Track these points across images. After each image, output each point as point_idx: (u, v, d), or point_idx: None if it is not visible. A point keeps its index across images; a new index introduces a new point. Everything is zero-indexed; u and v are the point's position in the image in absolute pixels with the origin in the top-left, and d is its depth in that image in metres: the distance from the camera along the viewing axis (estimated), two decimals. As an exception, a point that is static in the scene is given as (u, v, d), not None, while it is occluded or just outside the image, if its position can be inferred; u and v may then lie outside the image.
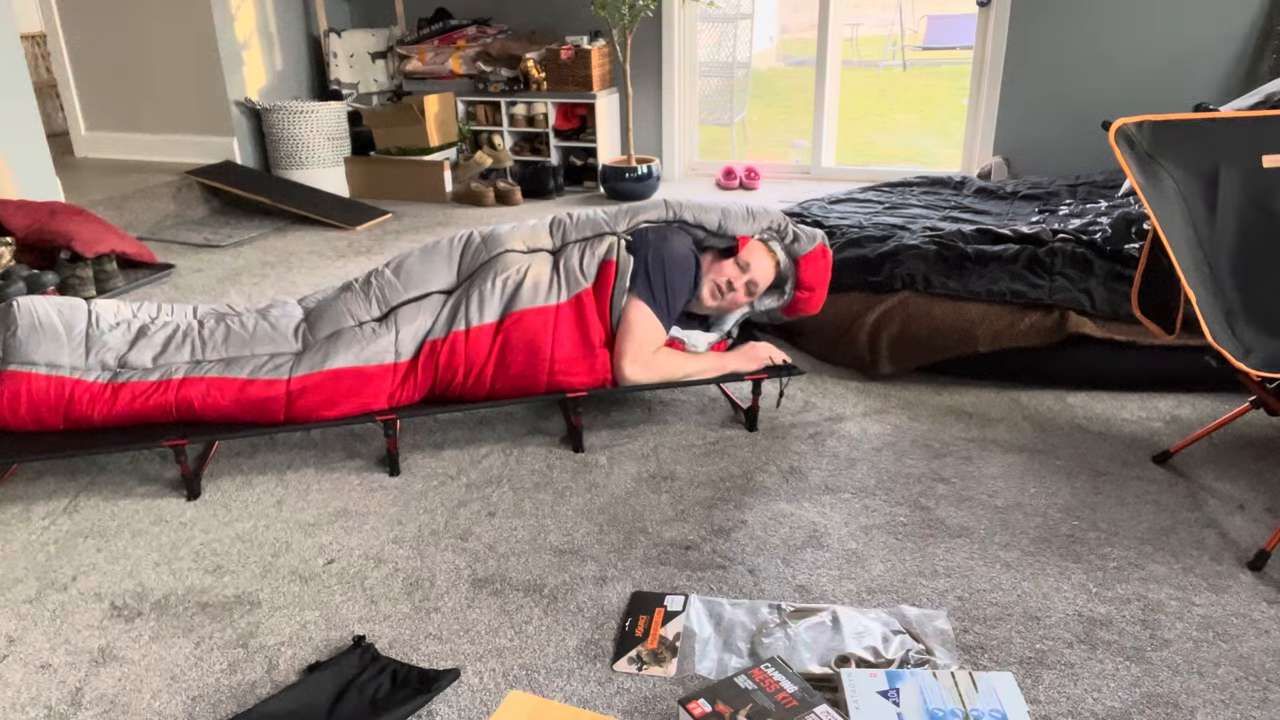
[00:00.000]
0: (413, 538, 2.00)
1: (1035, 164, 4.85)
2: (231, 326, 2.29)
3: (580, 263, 2.33)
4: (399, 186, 5.17)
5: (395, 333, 2.27)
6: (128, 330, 2.27)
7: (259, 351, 2.26)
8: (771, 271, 2.47)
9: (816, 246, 2.49)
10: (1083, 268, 2.69)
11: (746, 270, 2.44)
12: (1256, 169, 2.05)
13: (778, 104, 9.09)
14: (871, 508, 2.07)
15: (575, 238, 2.39)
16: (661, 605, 1.74)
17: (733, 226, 2.45)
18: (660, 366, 2.33)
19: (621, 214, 2.44)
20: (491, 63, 5.32)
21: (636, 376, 2.30)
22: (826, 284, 2.56)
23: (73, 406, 2.15)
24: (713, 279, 2.44)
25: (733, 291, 2.44)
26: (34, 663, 1.66)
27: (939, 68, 10.59)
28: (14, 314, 2.21)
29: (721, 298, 2.45)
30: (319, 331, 2.29)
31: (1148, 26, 4.46)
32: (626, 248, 2.35)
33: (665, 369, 2.34)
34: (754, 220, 2.47)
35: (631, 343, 2.30)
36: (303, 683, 1.56)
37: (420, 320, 2.29)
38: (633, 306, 2.31)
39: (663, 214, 2.45)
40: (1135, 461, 2.25)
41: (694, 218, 2.45)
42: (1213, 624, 1.68)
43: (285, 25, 5.31)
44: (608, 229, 2.40)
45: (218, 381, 2.18)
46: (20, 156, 3.99)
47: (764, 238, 2.48)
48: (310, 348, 2.25)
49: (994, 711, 1.42)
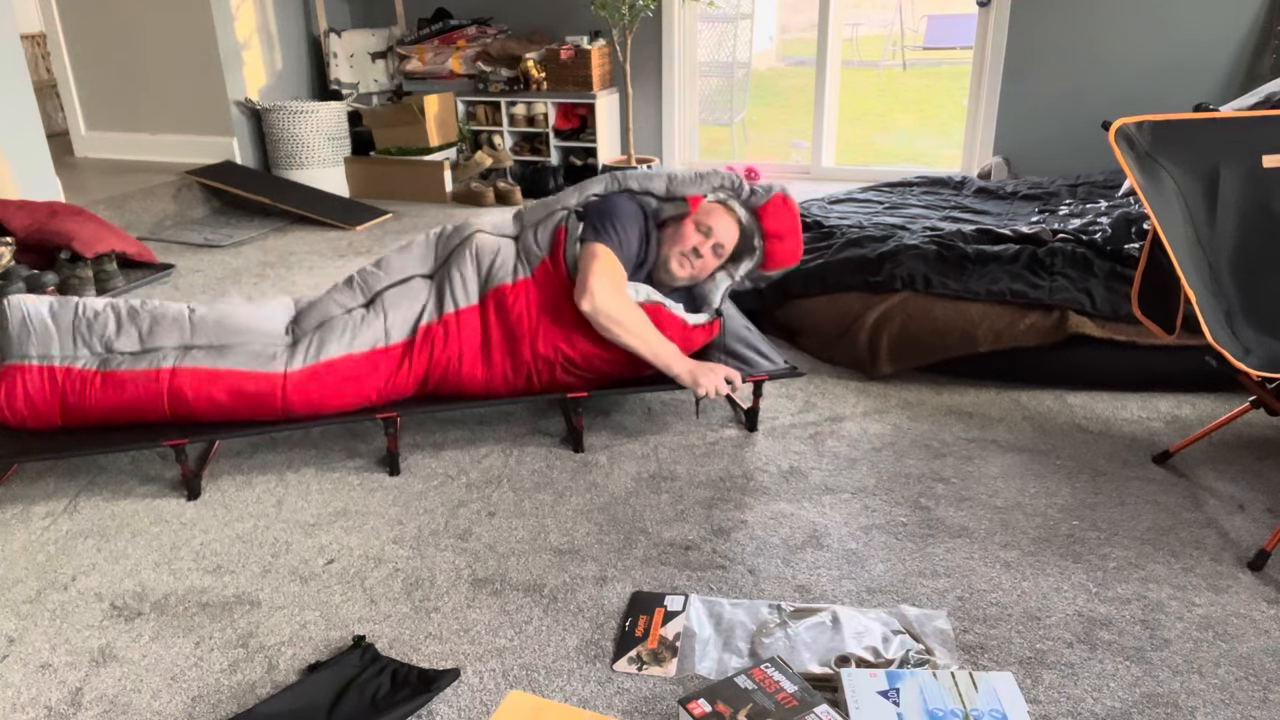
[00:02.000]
0: (413, 538, 2.00)
1: (1035, 164, 4.85)
2: (224, 312, 2.29)
3: (535, 239, 2.36)
4: (399, 186, 5.16)
5: (384, 317, 2.28)
6: (114, 315, 2.28)
7: (250, 340, 2.26)
8: (735, 230, 2.45)
9: (775, 195, 2.46)
10: (1083, 268, 2.69)
11: (710, 235, 2.41)
12: (1256, 169, 2.05)
13: (778, 104, 9.09)
14: (871, 508, 2.07)
15: (531, 221, 2.42)
16: (661, 605, 1.74)
17: (681, 189, 2.45)
18: (621, 306, 2.23)
19: (570, 192, 2.47)
20: (491, 63, 5.32)
21: (597, 299, 2.20)
22: (796, 230, 2.50)
23: (66, 396, 2.15)
24: (678, 249, 2.41)
25: (700, 258, 2.41)
26: (34, 663, 1.66)
27: (939, 68, 10.59)
28: (4, 311, 2.22)
29: (691, 265, 2.43)
30: (307, 323, 2.31)
31: (1148, 27, 4.46)
32: (577, 217, 2.37)
33: (624, 312, 2.23)
34: (703, 181, 2.46)
35: (591, 273, 2.23)
36: (303, 683, 1.56)
37: (407, 305, 2.31)
38: (585, 247, 2.30)
39: (609, 185, 2.46)
40: (1135, 461, 2.25)
41: (640, 185, 2.46)
42: (1213, 624, 1.68)
43: (285, 25, 5.31)
44: (559, 206, 2.43)
45: (210, 373, 2.18)
46: (20, 156, 3.99)
47: (720, 198, 2.46)
48: (301, 339, 2.26)
49: (994, 711, 1.42)
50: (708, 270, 2.47)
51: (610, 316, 2.22)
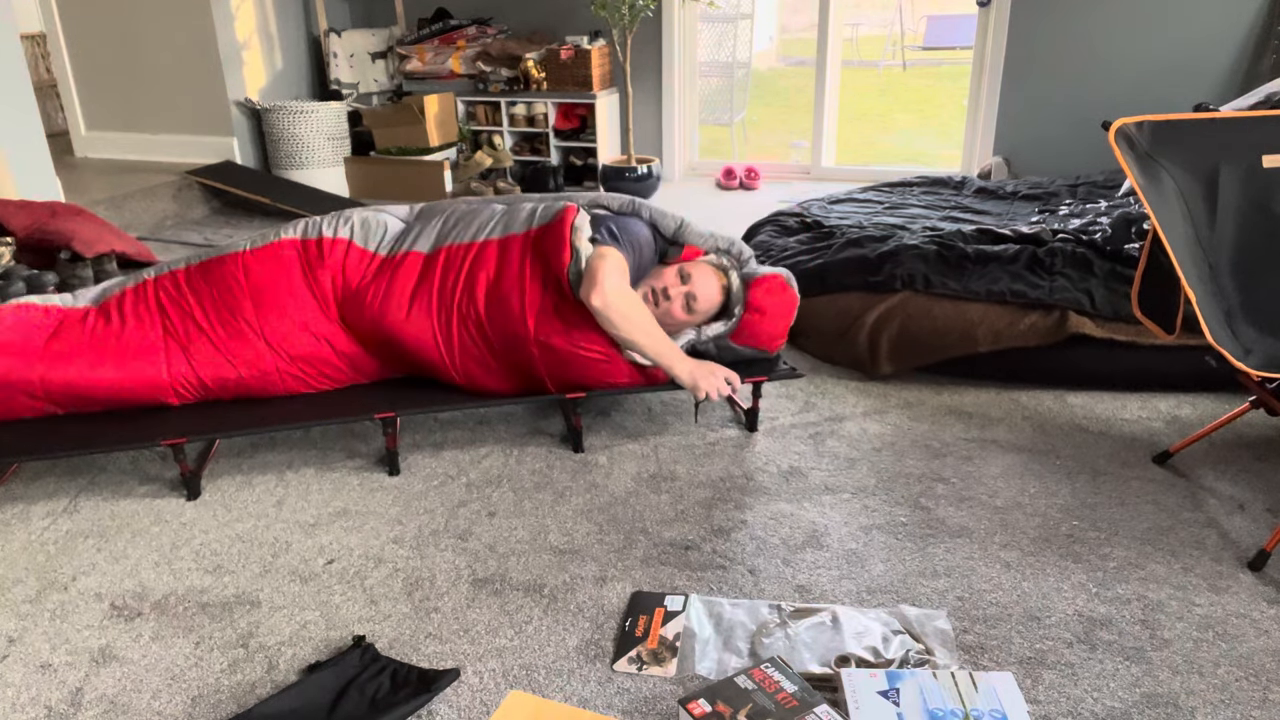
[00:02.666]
0: (413, 538, 2.00)
1: (1035, 164, 4.85)
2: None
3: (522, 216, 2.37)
4: (399, 186, 5.16)
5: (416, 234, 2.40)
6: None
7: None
8: (716, 293, 2.34)
9: (777, 275, 2.39)
10: (1083, 268, 2.69)
11: (687, 281, 2.31)
12: (1256, 169, 2.05)
13: (778, 104, 9.09)
14: (871, 508, 2.07)
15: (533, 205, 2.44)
16: (661, 605, 1.74)
17: (687, 237, 2.42)
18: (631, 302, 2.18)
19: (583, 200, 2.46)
20: (491, 63, 5.32)
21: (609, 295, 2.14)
22: (784, 314, 2.40)
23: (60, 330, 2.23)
24: (650, 283, 2.33)
25: (668, 301, 2.31)
26: (34, 663, 1.66)
27: (939, 68, 10.59)
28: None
29: (655, 304, 2.32)
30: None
31: (1148, 26, 4.46)
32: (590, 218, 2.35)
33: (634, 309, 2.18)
34: (712, 238, 2.43)
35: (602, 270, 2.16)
36: (303, 683, 1.56)
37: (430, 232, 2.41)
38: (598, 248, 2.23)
39: (624, 206, 2.43)
40: (1135, 461, 2.25)
41: (650, 216, 2.42)
42: (1213, 624, 1.68)
43: (285, 25, 5.31)
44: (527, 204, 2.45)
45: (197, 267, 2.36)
46: (20, 156, 3.99)
47: (716, 260, 2.40)
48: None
49: (994, 711, 1.42)
50: (672, 318, 2.34)
51: (621, 312, 2.15)
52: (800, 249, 3.16)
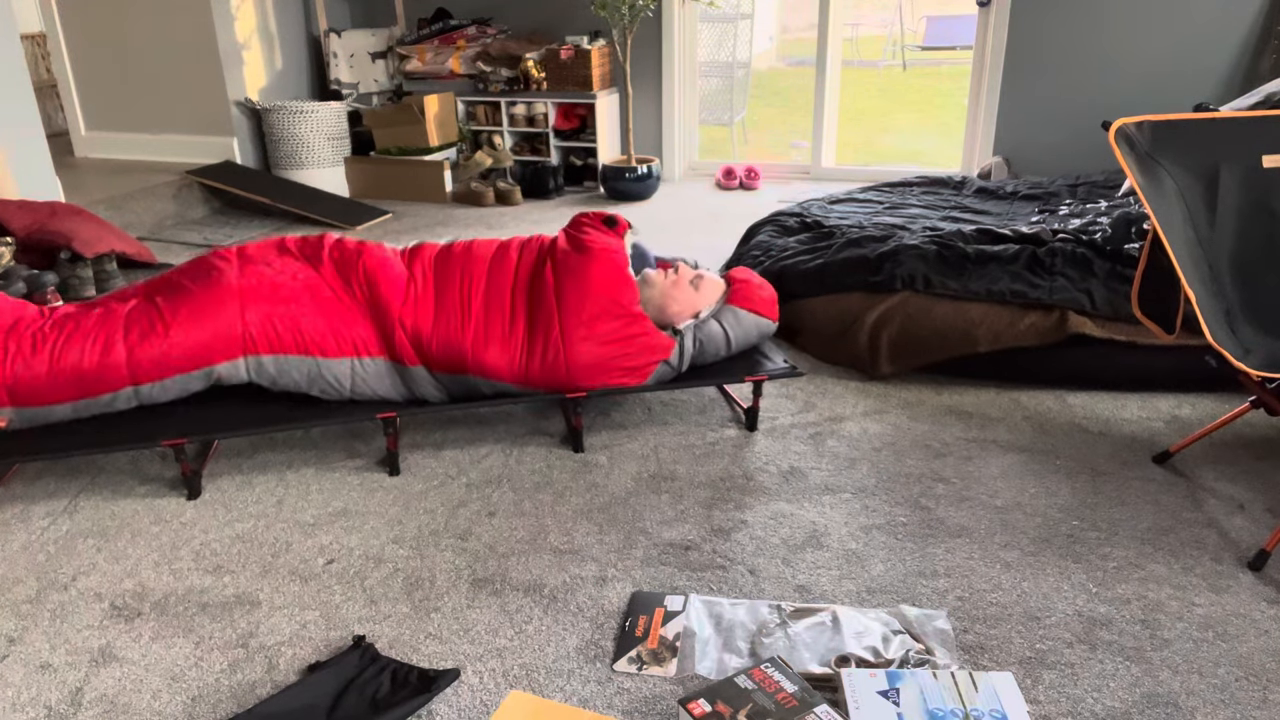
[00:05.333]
0: (413, 538, 2.00)
1: (1035, 164, 4.85)
2: None
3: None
4: (399, 186, 5.17)
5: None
6: None
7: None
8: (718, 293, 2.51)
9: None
10: (1083, 268, 2.69)
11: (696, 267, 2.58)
12: (1256, 169, 2.05)
13: (778, 104, 9.09)
14: (871, 508, 2.07)
15: None
16: (661, 605, 1.74)
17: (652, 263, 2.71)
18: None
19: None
20: (491, 63, 5.32)
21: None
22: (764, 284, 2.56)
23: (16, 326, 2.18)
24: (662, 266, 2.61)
25: (676, 274, 2.50)
26: (34, 663, 1.66)
27: (939, 68, 10.59)
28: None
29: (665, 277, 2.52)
30: None
31: (1148, 26, 4.46)
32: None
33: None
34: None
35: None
36: (303, 683, 1.56)
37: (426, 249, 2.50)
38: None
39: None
40: (1135, 461, 2.25)
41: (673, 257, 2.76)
42: (1213, 624, 1.68)
43: (285, 25, 5.31)
44: None
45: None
46: (20, 156, 3.99)
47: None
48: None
49: (994, 711, 1.42)
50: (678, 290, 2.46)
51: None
52: (800, 249, 3.16)
